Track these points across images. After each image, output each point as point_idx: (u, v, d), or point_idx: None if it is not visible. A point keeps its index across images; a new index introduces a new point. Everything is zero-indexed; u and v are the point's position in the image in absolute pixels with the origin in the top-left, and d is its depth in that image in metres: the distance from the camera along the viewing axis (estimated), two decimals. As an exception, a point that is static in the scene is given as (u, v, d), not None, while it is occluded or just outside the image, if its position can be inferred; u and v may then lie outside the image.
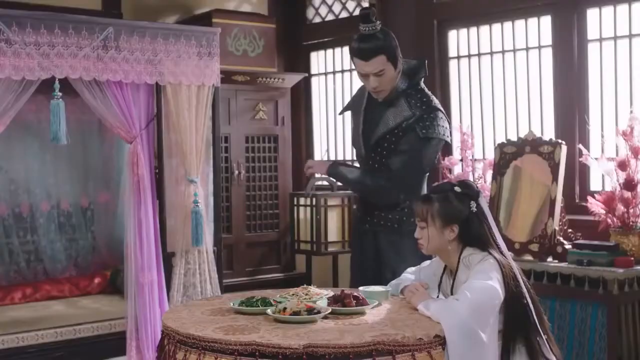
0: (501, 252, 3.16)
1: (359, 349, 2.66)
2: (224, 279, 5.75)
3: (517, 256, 5.20)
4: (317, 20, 8.22)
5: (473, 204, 3.15)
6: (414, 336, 2.76)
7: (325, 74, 8.22)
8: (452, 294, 3.16)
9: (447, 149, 5.90)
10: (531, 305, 3.07)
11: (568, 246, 5.26)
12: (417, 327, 2.86)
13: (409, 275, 3.50)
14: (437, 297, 3.26)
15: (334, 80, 8.14)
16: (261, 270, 7.01)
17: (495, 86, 6.57)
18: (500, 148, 5.82)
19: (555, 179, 5.39)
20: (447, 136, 4.08)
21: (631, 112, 5.27)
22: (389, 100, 3.98)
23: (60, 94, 4.82)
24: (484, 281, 2.98)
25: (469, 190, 3.19)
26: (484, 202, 3.22)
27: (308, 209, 6.95)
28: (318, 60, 8.30)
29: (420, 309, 3.04)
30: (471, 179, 6.17)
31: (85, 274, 6.77)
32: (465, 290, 2.96)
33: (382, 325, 2.89)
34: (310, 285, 3.49)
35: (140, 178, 5.16)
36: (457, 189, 3.18)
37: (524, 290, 3.10)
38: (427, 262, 3.52)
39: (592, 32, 5.86)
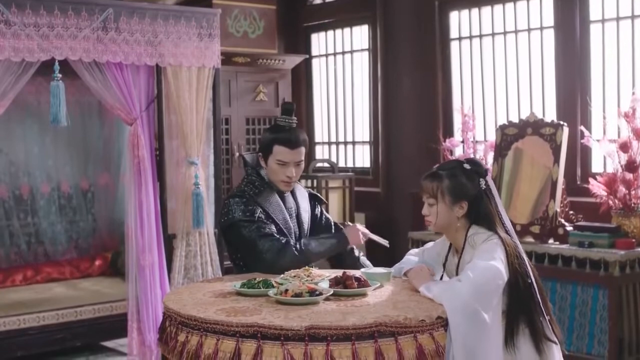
0: (507, 231, 3.15)
1: (361, 331, 2.65)
2: (224, 260, 5.74)
3: (519, 238, 5.19)
4: (318, 1, 8.18)
5: (482, 181, 3.14)
6: (416, 318, 2.75)
7: (326, 55, 8.19)
8: (457, 273, 3.15)
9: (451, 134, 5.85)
10: (535, 285, 3.07)
11: (569, 228, 5.26)
12: (419, 309, 2.85)
13: (411, 257, 3.48)
14: (442, 277, 3.24)
15: (335, 61, 8.12)
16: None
17: (496, 67, 6.55)
18: (501, 130, 5.81)
19: (556, 160, 5.38)
20: None
21: (633, 93, 5.26)
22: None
23: (60, 75, 4.79)
24: (487, 261, 2.97)
25: (477, 168, 3.18)
26: (491, 181, 3.21)
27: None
28: (319, 41, 8.27)
29: (422, 291, 3.03)
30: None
31: (85, 256, 6.78)
32: (468, 271, 2.95)
33: (384, 307, 2.88)
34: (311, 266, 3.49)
35: (140, 160, 5.14)
36: (466, 166, 3.17)
37: (529, 269, 3.09)
38: (431, 243, 3.50)
39: (594, 13, 5.83)
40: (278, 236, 3.61)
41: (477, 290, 2.88)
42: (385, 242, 3.76)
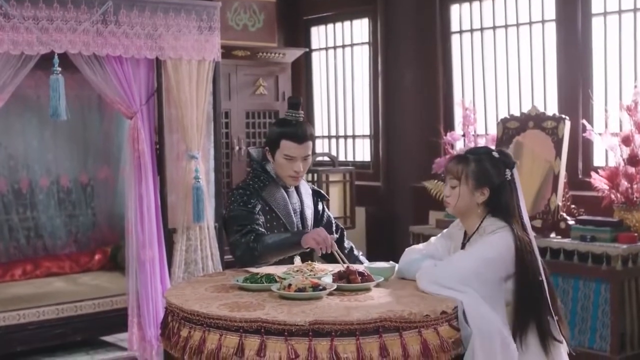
0: (523, 226, 3.13)
1: (365, 326, 2.63)
2: (225, 255, 5.72)
3: (520, 232, 5.19)
4: (318, -6, 8.16)
5: (508, 172, 3.14)
6: (420, 313, 2.74)
7: (326, 48, 8.16)
8: None
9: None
10: (545, 284, 3.05)
11: (571, 222, 5.24)
12: (424, 304, 2.83)
13: (414, 256, 3.35)
14: None
15: (335, 55, 8.09)
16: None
17: (498, 61, 6.53)
18: (502, 123, 5.79)
19: (558, 154, 5.37)
20: None
21: (635, 86, 5.24)
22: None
23: (59, 69, 4.76)
24: (476, 252, 3.01)
25: (505, 158, 3.18)
26: (517, 174, 3.20)
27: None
28: (319, 35, 8.24)
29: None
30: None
31: (85, 250, 6.75)
32: (450, 257, 3.10)
33: (388, 302, 2.86)
34: (314, 261, 3.47)
35: (140, 154, 5.12)
36: (495, 154, 3.17)
37: (541, 267, 3.07)
38: (433, 238, 3.44)
39: (596, 6, 5.81)
40: (255, 227, 3.55)
41: (452, 272, 2.96)
42: (342, 265, 3.54)
